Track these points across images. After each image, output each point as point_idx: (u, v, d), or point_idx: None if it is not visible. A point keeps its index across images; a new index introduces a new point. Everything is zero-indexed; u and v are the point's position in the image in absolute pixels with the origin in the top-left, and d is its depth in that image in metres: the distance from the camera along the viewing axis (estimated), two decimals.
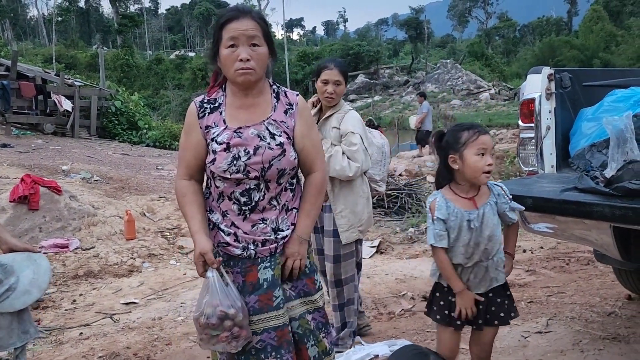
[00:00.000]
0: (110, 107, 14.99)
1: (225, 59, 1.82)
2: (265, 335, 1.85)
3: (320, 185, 1.95)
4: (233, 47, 1.80)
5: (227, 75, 1.88)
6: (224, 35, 1.82)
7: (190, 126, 1.90)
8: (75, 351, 3.57)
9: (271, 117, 1.89)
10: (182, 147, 1.94)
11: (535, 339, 3.08)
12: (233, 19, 1.81)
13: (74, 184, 8.02)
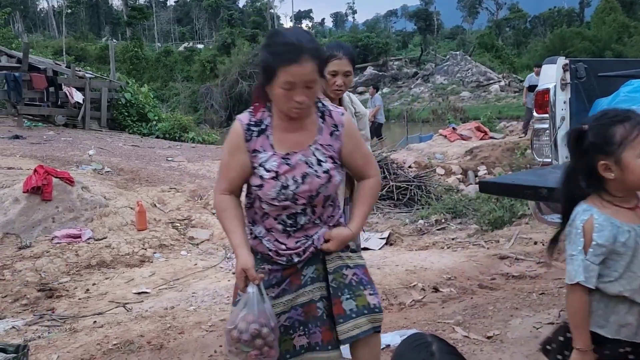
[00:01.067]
0: (120, 99, 15.05)
1: (278, 97, 1.76)
2: (293, 312, 1.89)
3: (376, 190, 1.98)
4: (289, 89, 1.72)
5: (277, 107, 1.81)
6: (281, 77, 1.70)
7: (237, 147, 1.84)
8: (89, 339, 3.62)
9: (317, 142, 1.86)
10: (226, 165, 1.89)
11: (548, 330, 3.07)
12: (293, 63, 1.68)
13: (86, 175, 8.08)
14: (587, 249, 1.58)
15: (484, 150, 11.14)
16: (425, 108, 26.28)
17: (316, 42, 1.77)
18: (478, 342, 3.06)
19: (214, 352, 3.36)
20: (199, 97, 31.00)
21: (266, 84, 1.76)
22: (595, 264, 1.58)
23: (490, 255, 5.06)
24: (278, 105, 1.79)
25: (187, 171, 9.80)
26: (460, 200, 8.24)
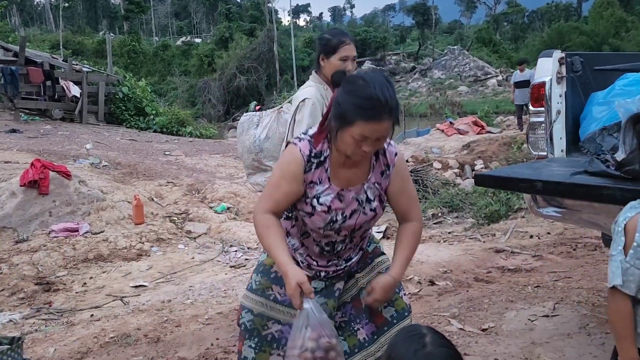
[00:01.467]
0: (118, 93, 15.01)
1: (347, 143, 1.70)
2: (343, 309, 1.96)
3: (419, 236, 1.95)
4: (361, 141, 1.67)
5: (341, 148, 1.74)
6: (357, 129, 1.64)
7: (294, 176, 1.79)
8: (86, 332, 3.63)
9: (370, 180, 1.86)
10: (276, 186, 1.80)
11: (542, 323, 3.10)
12: (373, 120, 1.63)
13: (83, 169, 8.07)
14: (627, 250, 1.47)
15: (481, 145, 11.15)
16: (422, 102, 26.27)
17: (396, 95, 1.70)
18: (473, 334, 3.08)
19: (211, 345, 3.37)
20: (196, 92, 30.94)
21: (339, 127, 1.69)
22: (637, 267, 1.44)
23: (486, 249, 5.08)
24: (342, 148, 1.73)
25: (185, 165, 9.80)
26: (457, 194, 8.26)
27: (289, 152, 1.83)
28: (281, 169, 1.82)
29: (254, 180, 3.03)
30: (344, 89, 1.69)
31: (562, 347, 2.74)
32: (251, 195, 8.23)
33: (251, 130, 2.96)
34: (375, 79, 1.65)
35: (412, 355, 1.30)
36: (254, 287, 1.96)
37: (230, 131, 21.04)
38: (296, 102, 2.72)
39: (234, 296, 4.29)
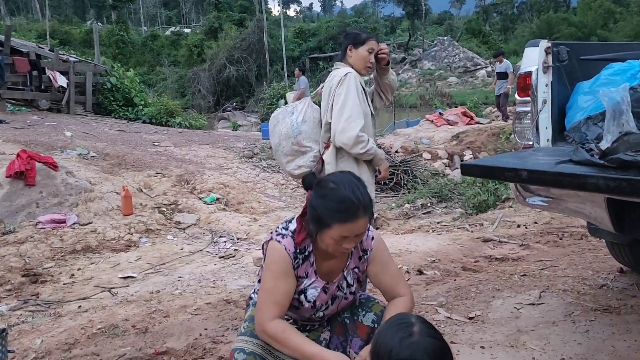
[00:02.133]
0: (106, 84, 14.85)
1: (327, 244, 1.77)
2: (333, 344, 2.00)
3: (411, 310, 1.95)
4: (340, 240, 1.75)
5: (322, 245, 1.81)
6: (335, 231, 1.71)
7: (286, 272, 1.83)
8: (74, 323, 3.61)
9: (349, 266, 1.94)
10: (272, 290, 1.82)
11: (528, 311, 3.13)
12: (349, 221, 1.70)
13: (71, 160, 8.00)
14: None
15: (470, 135, 11.19)
16: (412, 93, 26.26)
17: (366, 190, 1.77)
18: (460, 322, 3.10)
19: (199, 335, 3.37)
20: (186, 82, 30.70)
21: (317, 230, 1.76)
22: None
23: (474, 239, 5.12)
24: (324, 247, 1.80)
25: (174, 156, 9.75)
26: (446, 184, 8.30)
27: (274, 252, 1.83)
28: (271, 271, 1.83)
29: (294, 164, 3.04)
30: (317, 193, 1.76)
31: (548, 334, 2.77)
32: (240, 186, 8.22)
33: (287, 119, 3.04)
34: (345, 181, 1.74)
35: (398, 343, 1.31)
36: (243, 331, 1.96)
37: (220, 122, 20.95)
38: (335, 78, 2.91)
39: (222, 287, 4.29)
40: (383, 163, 2.99)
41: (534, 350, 2.61)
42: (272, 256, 1.84)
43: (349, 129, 2.81)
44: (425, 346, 1.29)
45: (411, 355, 1.28)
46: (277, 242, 1.84)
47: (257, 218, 6.99)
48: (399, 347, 1.30)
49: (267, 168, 9.56)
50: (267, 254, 1.88)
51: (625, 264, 3.59)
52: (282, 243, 1.83)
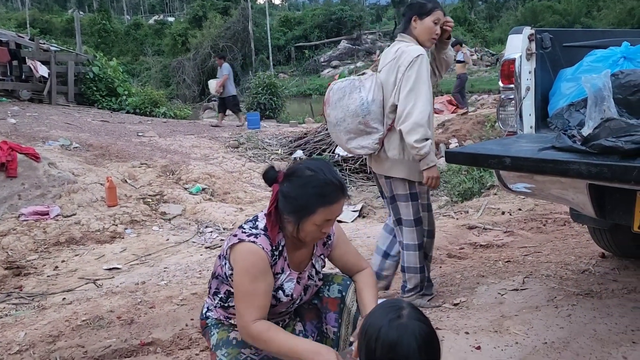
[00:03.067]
0: (88, 73, 14.62)
1: (308, 232, 1.78)
2: (310, 330, 2.01)
3: (375, 279, 2.05)
4: (322, 225, 1.77)
5: (300, 237, 1.82)
6: (319, 215, 1.74)
7: (264, 273, 1.79)
8: (58, 316, 3.58)
9: (315, 254, 1.98)
10: (252, 293, 1.77)
11: (512, 296, 3.16)
12: (334, 202, 1.75)
13: (53, 151, 7.89)
14: None
15: (455, 124, 11.21)
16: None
17: (339, 174, 1.83)
18: (445, 309, 3.12)
19: (185, 326, 3.36)
20: (170, 72, 30.35)
21: (299, 219, 1.76)
22: None
23: (459, 226, 5.15)
24: (303, 236, 1.80)
25: (159, 146, 9.66)
26: None
27: (250, 254, 1.78)
28: (249, 273, 1.77)
29: (357, 143, 2.99)
30: (294, 183, 1.76)
31: (530, 319, 2.81)
32: (226, 176, 8.18)
33: (355, 94, 2.94)
34: (321, 166, 1.78)
35: (387, 323, 1.33)
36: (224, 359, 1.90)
37: (205, 112, 20.75)
38: (405, 57, 2.85)
39: (208, 277, 4.26)
40: (431, 169, 2.85)
41: (517, 335, 2.64)
42: (247, 259, 1.78)
43: (414, 115, 2.77)
44: (413, 329, 1.30)
45: (399, 336, 1.29)
46: (251, 244, 1.79)
47: (244, 208, 6.97)
48: (388, 328, 1.31)
49: (253, 158, 9.52)
50: (238, 257, 1.79)
51: (607, 249, 3.64)
52: (257, 243, 1.79)
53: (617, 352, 2.40)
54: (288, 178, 1.79)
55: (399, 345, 1.28)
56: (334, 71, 34.18)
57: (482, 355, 2.47)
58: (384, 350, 1.28)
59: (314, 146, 9.37)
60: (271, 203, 1.81)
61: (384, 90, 2.94)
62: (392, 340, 1.29)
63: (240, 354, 1.87)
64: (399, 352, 1.27)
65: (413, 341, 1.28)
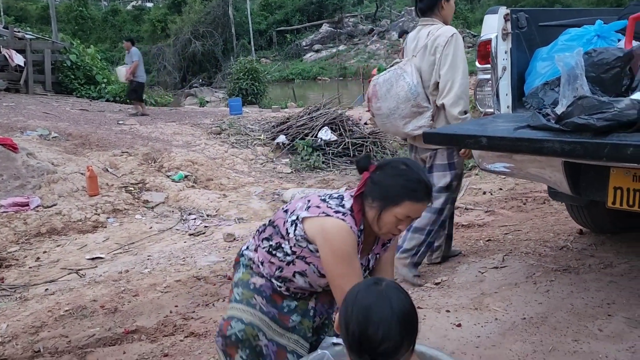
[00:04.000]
0: (65, 61, 14.35)
1: (386, 222, 1.77)
2: (270, 344, 1.88)
3: None
4: (401, 220, 1.76)
5: (374, 227, 1.81)
6: (403, 209, 1.73)
7: (355, 249, 1.79)
8: (40, 306, 3.56)
9: (374, 251, 1.96)
10: (352, 273, 1.74)
11: (492, 274, 3.22)
12: (421, 201, 1.75)
13: (31, 141, 7.77)
14: None
15: None
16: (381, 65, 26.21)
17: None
18: (427, 288, 3.17)
19: (170, 313, 3.37)
20: (150, 59, 29.88)
21: (383, 207, 1.75)
22: None
23: None
24: (380, 226, 1.79)
25: (140, 134, 9.56)
26: None
27: (342, 231, 1.75)
28: (342, 252, 1.75)
29: (414, 125, 3.14)
30: (387, 172, 1.79)
31: (510, 296, 2.86)
32: (209, 163, 8.13)
33: (401, 81, 3.13)
34: (416, 165, 1.83)
35: (364, 288, 1.35)
36: (237, 298, 1.91)
37: (187, 98, 20.56)
38: (441, 38, 3.04)
39: (192, 263, 4.27)
40: None
41: (497, 311, 2.69)
42: (340, 236, 1.75)
43: (454, 89, 2.98)
44: (390, 296, 1.31)
45: (375, 301, 1.29)
46: (341, 221, 1.76)
47: (227, 194, 6.95)
48: (365, 292, 1.33)
49: (235, 144, 9.47)
50: (329, 235, 1.76)
51: (584, 226, 3.71)
52: (347, 222, 1.77)
53: (593, 325, 2.46)
54: (382, 168, 1.81)
55: (373, 309, 1.28)
56: (316, 55, 34.01)
57: (462, 332, 2.51)
58: (359, 315, 1.28)
59: (297, 131, 9.34)
60: (359, 187, 1.83)
61: (422, 72, 3.13)
62: (367, 304, 1.29)
63: (252, 298, 1.89)
64: (373, 316, 1.27)
65: (388, 306, 1.28)
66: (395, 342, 1.26)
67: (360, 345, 1.27)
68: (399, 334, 1.26)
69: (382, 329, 1.25)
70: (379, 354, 1.25)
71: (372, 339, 1.25)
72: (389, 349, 1.25)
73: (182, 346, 2.89)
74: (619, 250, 3.32)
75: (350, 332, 1.29)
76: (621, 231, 3.62)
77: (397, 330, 1.26)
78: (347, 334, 1.30)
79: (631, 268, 3.03)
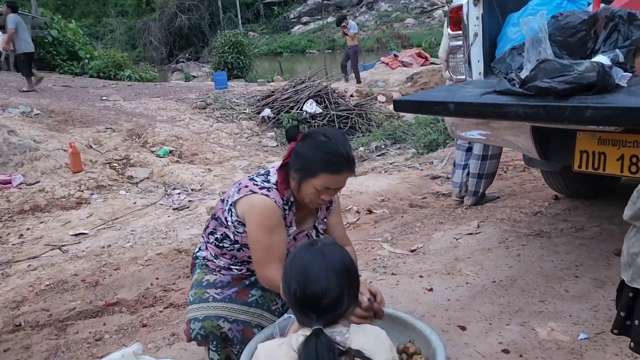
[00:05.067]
0: (47, 37, 14.10)
1: (307, 193, 1.80)
2: (235, 325, 1.90)
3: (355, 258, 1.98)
4: (321, 191, 1.79)
5: (299, 196, 1.85)
6: (320, 180, 1.76)
7: (279, 225, 1.84)
8: (21, 282, 3.58)
9: (319, 217, 2.01)
10: (272, 245, 1.81)
11: (466, 240, 3.26)
12: (337, 173, 1.76)
13: (13, 118, 7.67)
14: None
15: (424, 76, 11.24)
16: (370, 37, 25.95)
17: (351, 150, 1.83)
18: (402, 255, 3.22)
19: (150, 285, 3.40)
20: (136, 34, 29.42)
21: (301, 178, 1.78)
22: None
23: (423, 177, 5.23)
24: (302, 197, 1.83)
25: (124, 110, 9.47)
26: (399, 126, 8.38)
27: (265, 207, 1.81)
28: (266, 226, 1.81)
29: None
30: (307, 143, 1.80)
31: (482, 260, 2.91)
32: (194, 138, 8.10)
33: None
34: (337, 136, 1.80)
35: (301, 251, 1.40)
36: (191, 299, 1.95)
37: (174, 74, 20.30)
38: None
39: (174, 237, 4.30)
40: None
41: (468, 276, 2.74)
42: (262, 212, 1.81)
43: None
44: (324, 252, 1.35)
45: (311, 260, 1.33)
46: (264, 197, 1.82)
47: (212, 168, 6.94)
48: (301, 254, 1.37)
49: (220, 118, 9.42)
50: (252, 209, 1.83)
51: (559, 191, 3.76)
52: (270, 197, 1.82)
53: (560, 287, 2.52)
54: (304, 138, 1.83)
55: (311, 266, 1.31)
56: (304, 28, 33.57)
57: (433, 296, 2.57)
58: (298, 276, 1.31)
59: (282, 104, 9.30)
60: (285, 158, 1.86)
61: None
62: (304, 263, 1.33)
63: (205, 293, 1.94)
64: (311, 273, 1.30)
65: (323, 262, 1.31)
66: (336, 294, 1.29)
67: (303, 304, 1.30)
68: (337, 286, 1.29)
69: (321, 283, 1.28)
70: (322, 309, 1.28)
71: (313, 295, 1.28)
72: (331, 302, 1.28)
73: (161, 317, 2.93)
74: (591, 215, 3.38)
75: (292, 293, 1.31)
76: (595, 196, 3.67)
77: (335, 283, 1.29)
78: (290, 296, 1.33)
79: (602, 231, 3.08)
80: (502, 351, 2.04)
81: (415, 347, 1.91)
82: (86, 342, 2.72)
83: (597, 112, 1.81)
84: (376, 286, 1.84)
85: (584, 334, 2.10)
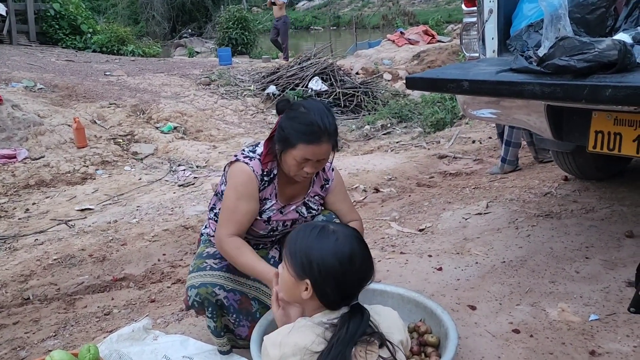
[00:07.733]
0: (49, 11, 13.94)
1: (290, 165, 1.82)
2: (231, 294, 1.94)
3: (362, 232, 2.00)
4: (302, 162, 1.80)
5: (284, 169, 1.88)
6: (298, 151, 1.77)
7: (250, 195, 1.88)
8: (29, 256, 3.59)
9: (309, 194, 2.03)
10: (233, 209, 1.87)
11: (475, 220, 3.25)
12: (313, 143, 1.76)
13: (16, 92, 7.63)
14: None
15: (431, 54, 11.10)
16: (375, 14, 25.63)
17: (335, 121, 1.83)
18: (411, 234, 3.21)
19: (157, 261, 3.41)
20: (139, 8, 29.06)
21: (282, 150, 1.81)
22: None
23: (430, 156, 5.20)
24: (285, 169, 1.86)
25: (127, 85, 9.39)
26: (406, 104, 8.31)
27: (242, 173, 1.88)
28: (237, 191, 1.87)
29: None
30: (287, 115, 1.83)
31: (492, 240, 2.90)
32: (198, 114, 8.05)
33: None
34: (316, 107, 1.81)
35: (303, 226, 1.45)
36: (190, 270, 2.00)
37: (177, 49, 20.10)
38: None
39: (180, 213, 4.29)
40: None
41: (478, 256, 2.73)
42: (238, 177, 1.88)
43: None
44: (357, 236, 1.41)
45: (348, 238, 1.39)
46: (244, 164, 1.88)
47: (217, 145, 6.91)
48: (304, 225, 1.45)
49: (225, 95, 9.34)
50: (231, 174, 1.91)
51: (569, 172, 3.72)
52: (250, 165, 1.88)
53: (571, 268, 2.51)
54: (287, 110, 1.86)
55: (355, 253, 1.38)
56: (309, 4, 33.14)
57: (443, 275, 2.56)
58: (344, 258, 1.36)
59: (287, 81, 9.21)
60: (272, 130, 1.90)
61: None
62: (350, 249, 1.38)
63: (203, 263, 1.98)
64: (355, 260, 1.37)
65: (360, 245, 1.40)
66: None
67: (345, 286, 1.37)
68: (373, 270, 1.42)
69: (365, 267, 1.40)
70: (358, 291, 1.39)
71: (362, 279, 1.41)
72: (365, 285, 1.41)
73: (169, 292, 2.94)
74: (601, 196, 3.35)
75: (334, 275, 1.35)
76: (606, 177, 3.64)
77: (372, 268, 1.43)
78: (331, 279, 1.35)
79: (612, 212, 3.06)
80: (513, 331, 2.04)
81: (426, 326, 1.92)
82: (95, 316, 2.73)
83: (618, 91, 1.77)
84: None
85: (595, 315, 2.09)
